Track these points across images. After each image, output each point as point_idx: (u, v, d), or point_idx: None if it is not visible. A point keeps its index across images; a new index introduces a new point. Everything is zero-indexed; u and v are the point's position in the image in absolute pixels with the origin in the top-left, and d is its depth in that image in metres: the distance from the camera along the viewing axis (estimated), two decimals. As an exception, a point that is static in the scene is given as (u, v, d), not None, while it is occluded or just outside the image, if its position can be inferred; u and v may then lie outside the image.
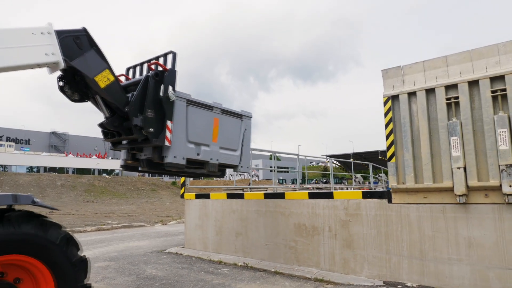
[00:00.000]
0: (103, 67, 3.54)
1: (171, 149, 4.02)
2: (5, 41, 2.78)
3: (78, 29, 3.39)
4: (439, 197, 4.45)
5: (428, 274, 4.43)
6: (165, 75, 3.96)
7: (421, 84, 4.73)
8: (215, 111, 4.60)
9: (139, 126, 3.77)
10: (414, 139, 4.70)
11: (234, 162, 4.90)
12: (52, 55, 3.08)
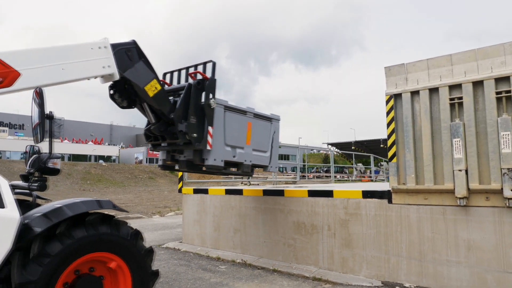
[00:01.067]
0: (151, 77, 3.80)
1: (212, 152, 4.37)
2: (69, 57, 3.07)
3: (129, 42, 3.67)
4: (439, 199, 4.41)
5: (427, 275, 4.42)
6: (206, 83, 4.28)
7: (425, 83, 4.64)
8: (248, 115, 4.96)
9: (184, 131, 4.09)
10: (416, 139, 4.64)
11: (265, 162, 5.27)
12: (108, 67, 3.38)
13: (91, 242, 2.65)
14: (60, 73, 3.04)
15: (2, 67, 2.67)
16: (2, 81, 2.67)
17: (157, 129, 4.19)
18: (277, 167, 5.53)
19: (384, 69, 5.01)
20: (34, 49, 2.93)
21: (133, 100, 3.98)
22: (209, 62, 4.41)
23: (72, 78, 3.14)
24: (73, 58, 3.12)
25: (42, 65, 2.92)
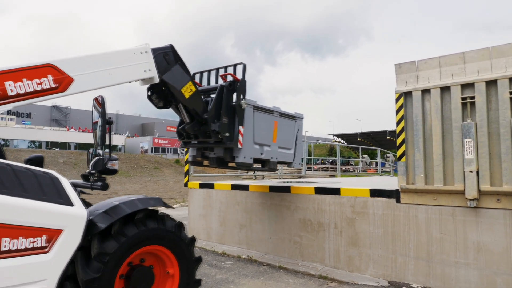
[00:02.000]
0: (187, 80, 3.99)
1: (242, 150, 4.61)
2: (115, 62, 3.29)
3: (167, 46, 3.85)
4: (449, 200, 4.35)
5: (434, 276, 4.38)
6: (237, 85, 4.51)
7: (436, 81, 4.54)
8: (274, 114, 5.19)
9: (217, 131, 4.33)
10: (426, 138, 4.56)
11: (289, 159, 5.48)
12: (149, 71, 3.58)
13: (142, 238, 2.89)
14: (107, 77, 3.25)
15: (57, 73, 2.88)
16: (58, 86, 2.87)
17: (191, 128, 4.42)
18: (300, 164, 5.73)
19: (395, 66, 4.91)
20: (84, 56, 3.15)
21: (169, 101, 4.17)
22: (239, 64, 4.63)
23: (117, 82, 3.36)
24: (118, 64, 3.34)
25: (92, 71, 3.13)
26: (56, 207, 2.48)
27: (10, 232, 2.20)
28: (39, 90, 2.77)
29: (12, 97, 2.62)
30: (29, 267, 2.29)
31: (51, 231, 2.41)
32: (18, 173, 2.39)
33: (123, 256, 2.76)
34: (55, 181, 2.59)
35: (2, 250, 2.17)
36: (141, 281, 2.93)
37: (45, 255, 2.37)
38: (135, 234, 2.83)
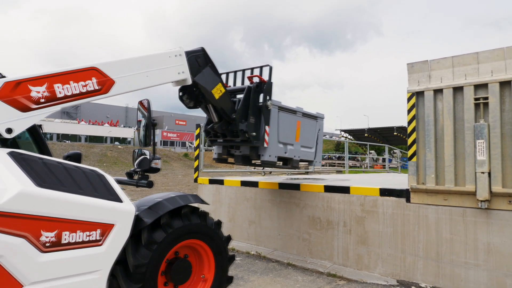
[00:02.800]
0: (217, 81, 4.15)
1: (267, 149, 4.81)
2: (152, 65, 3.45)
3: (198, 49, 3.99)
4: (459, 200, 4.34)
5: (444, 276, 4.40)
6: (264, 86, 4.70)
7: (449, 81, 4.51)
8: (297, 114, 5.38)
9: (244, 130, 4.54)
10: (437, 139, 4.54)
11: (310, 158, 5.68)
12: (182, 73, 3.74)
13: (186, 231, 3.15)
14: (145, 79, 3.40)
15: (101, 76, 3.04)
16: (101, 88, 3.04)
17: (220, 127, 4.60)
18: (320, 162, 5.95)
19: (407, 65, 4.88)
20: (124, 60, 3.30)
21: (199, 101, 4.32)
22: (265, 66, 4.81)
23: (153, 84, 3.50)
24: (154, 66, 3.49)
25: (131, 73, 3.28)
26: (108, 203, 2.65)
27: (70, 226, 2.39)
28: (84, 92, 2.93)
29: (60, 98, 2.78)
30: (86, 259, 2.48)
31: (104, 226, 2.59)
32: (70, 171, 2.54)
33: (169, 246, 3.01)
34: (102, 178, 2.73)
35: (63, 242, 2.35)
36: (180, 271, 3.18)
37: (99, 247, 2.56)
38: (181, 227, 3.08)
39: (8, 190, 2.15)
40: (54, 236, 2.31)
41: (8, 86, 2.55)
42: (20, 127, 2.62)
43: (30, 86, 2.65)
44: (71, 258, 2.39)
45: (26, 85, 2.63)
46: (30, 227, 2.20)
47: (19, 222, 2.15)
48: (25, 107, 2.60)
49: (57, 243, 2.33)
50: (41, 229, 2.24)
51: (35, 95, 2.66)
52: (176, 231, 3.04)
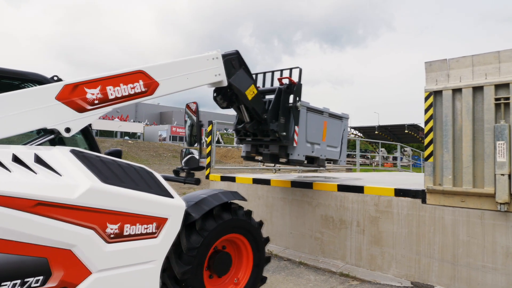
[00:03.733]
0: (250, 83, 4.31)
1: (296, 148, 4.98)
2: (191, 68, 3.62)
3: (233, 52, 4.14)
4: (478, 203, 4.25)
5: (460, 279, 4.33)
6: (294, 88, 4.88)
7: (468, 80, 4.41)
8: (324, 115, 5.54)
9: (275, 130, 4.70)
10: (455, 139, 4.45)
11: (335, 157, 5.84)
12: (219, 75, 3.90)
13: (233, 225, 3.41)
14: (186, 82, 3.56)
15: (147, 79, 3.22)
16: (147, 90, 3.22)
17: (251, 127, 4.78)
18: (345, 161, 6.12)
19: (425, 64, 4.79)
20: (168, 63, 3.47)
21: (232, 101, 4.45)
22: (295, 68, 4.97)
23: (193, 86, 3.66)
24: (194, 69, 3.65)
25: (174, 76, 3.45)
26: (162, 199, 2.83)
27: (130, 220, 2.58)
28: (132, 93, 3.11)
29: (111, 100, 2.97)
30: (143, 249, 2.67)
31: (159, 219, 2.77)
32: (124, 167, 2.70)
33: (217, 235, 3.28)
34: (151, 175, 2.88)
35: (124, 234, 2.55)
36: (222, 263, 3.40)
37: (154, 239, 2.75)
38: (229, 220, 3.35)
39: (79, 185, 2.33)
40: (117, 228, 2.51)
41: (67, 89, 2.73)
42: (77, 126, 2.80)
43: (86, 89, 2.82)
44: (131, 248, 2.59)
45: (83, 87, 2.81)
46: (98, 219, 2.39)
47: (89, 215, 2.34)
48: (81, 108, 2.79)
49: (120, 234, 2.52)
50: (106, 222, 2.44)
51: (90, 96, 2.84)
52: (224, 223, 3.30)
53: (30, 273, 2.12)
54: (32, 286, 2.14)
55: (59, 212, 2.22)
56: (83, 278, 2.33)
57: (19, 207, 2.06)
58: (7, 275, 2.04)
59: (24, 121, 2.58)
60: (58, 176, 2.32)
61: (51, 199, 2.18)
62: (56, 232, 2.21)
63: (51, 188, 2.22)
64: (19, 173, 2.18)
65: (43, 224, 2.15)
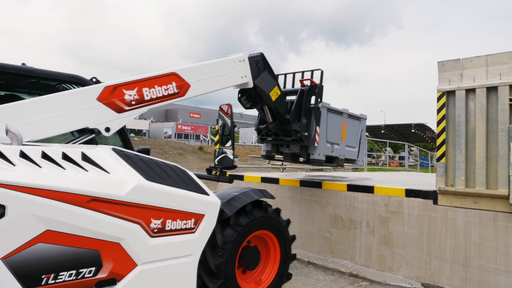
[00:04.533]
0: (274, 84, 4.42)
1: (317, 148, 5.11)
2: (220, 70, 3.76)
3: (258, 54, 4.25)
4: (491, 204, 4.21)
5: (471, 282, 4.28)
6: (315, 89, 4.98)
7: (482, 80, 4.35)
8: (343, 116, 5.64)
9: (297, 130, 4.83)
10: (468, 140, 4.40)
11: (354, 157, 5.93)
12: (245, 77, 4.03)
13: (262, 222, 3.56)
14: (214, 83, 3.70)
15: (179, 80, 3.37)
16: (179, 92, 3.37)
17: (274, 127, 4.90)
18: (362, 161, 6.30)
19: (437, 63, 4.74)
20: (198, 65, 3.61)
21: (256, 102, 4.56)
22: (317, 70, 5.09)
23: (221, 87, 3.79)
24: (222, 71, 3.79)
25: (204, 78, 3.60)
26: (199, 196, 2.97)
27: (171, 215, 2.72)
28: (166, 95, 3.27)
29: (147, 101, 3.13)
30: (182, 244, 2.81)
31: (197, 215, 2.92)
32: (161, 166, 2.83)
33: (249, 230, 3.43)
34: (185, 173, 3.01)
35: (166, 229, 2.69)
36: (252, 258, 3.56)
37: (192, 234, 2.89)
38: (260, 217, 3.53)
39: (127, 183, 2.47)
40: (160, 224, 2.65)
41: (107, 90, 2.88)
42: (115, 126, 2.95)
43: (124, 90, 2.98)
44: (172, 243, 2.73)
45: (121, 89, 2.97)
46: (143, 215, 2.53)
47: (135, 211, 2.48)
48: (120, 109, 2.94)
49: (162, 229, 2.66)
50: (151, 217, 2.58)
51: (128, 98, 2.99)
52: (255, 220, 3.45)
53: (84, 264, 2.25)
54: (86, 277, 2.27)
55: (110, 208, 2.35)
56: (129, 269, 2.47)
57: (75, 202, 2.19)
58: (64, 266, 2.17)
59: (69, 121, 2.71)
60: (106, 173, 2.45)
61: (103, 195, 2.32)
62: (107, 226, 2.34)
63: (102, 185, 2.35)
64: (72, 171, 2.31)
65: (96, 218, 2.28)
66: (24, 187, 2.02)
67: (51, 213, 2.11)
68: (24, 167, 2.14)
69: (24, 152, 2.22)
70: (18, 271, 2.01)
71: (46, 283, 2.11)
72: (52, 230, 2.13)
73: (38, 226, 2.08)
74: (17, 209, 2.00)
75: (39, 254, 2.08)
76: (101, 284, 2.34)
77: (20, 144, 2.35)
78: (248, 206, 3.46)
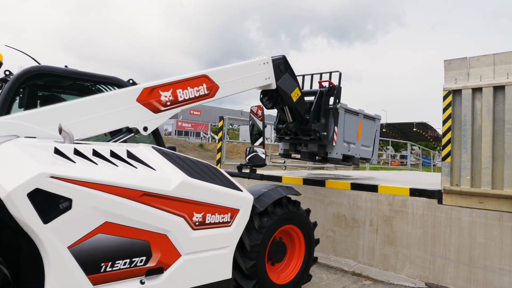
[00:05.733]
0: (295, 85, 4.54)
1: (335, 147, 5.26)
2: (246, 72, 3.91)
3: (280, 57, 4.38)
4: (496, 204, 4.18)
5: (476, 282, 4.26)
6: (334, 90, 5.16)
7: (489, 79, 4.32)
8: (359, 116, 5.81)
9: (317, 130, 4.99)
10: (474, 139, 4.37)
11: (368, 156, 6.09)
12: (269, 79, 4.17)
13: (288, 217, 3.73)
14: (241, 84, 3.85)
15: (209, 82, 3.52)
16: (209, 93, 3.52)
17: (294, 127, 5.04)
18: (376, 160, 6.41)
19: (444, 62, 4.70)
20: (226, 68, 3.76)
21: (277, 102, 4.67)
22: (335, 72, 5.26)
23: (247, 88, 3.93)
24: (248, 73, 3.93)
25: (232, 79, 3.75)
26: (235, 192, 3.15)
27: (211, 210, 2.91)
28: (197, 96, 3.41)
29: (180, 102, 3.28)
30: (220, 236, 3.00)
31: (233, 210, 3.11)
32: (196, 163, 3.01)
33: (274, 229, 3.58)
34: (219, 170, 3.17)
35: (206, 222, 2.88)
36: (279, 251, 3.72)
37: (229, 228, 3.08)
38: (282, 214, 3.64)
39: (172, 179, 2.66)
40: (201, 217, 2.84)
41: (145, 92, 3.06)
42: (152, 126, 3.11)
43: (160, 92, 3.14)
44: (211, 235, 2.92)
45: (158, 90, 3.13)
46: (187, 209, 2.73)
47: (180, 205, 2.68)
48: (156, 109, 3.11)
49: (203, 223, 2.86)
50: (193, 211, 2.78)
51: (163, 99, 3.16)
52: (279, 217, 3.61)
53: (136, 253, 2.45)
54: (137, 265, 2.46)
55: (159, 202, 2.54)
56: (174, 259, 2.67)
57: (129, 196, 2.38)
58: (119, 255, 2.36)
59: (112, 121, 2.88)
60: (153, 170, 2.63)
61: (153, 190, 2.50)
62: (156, 219, 2.53)
63: (152, 181, 2.54)
64: (124, 167, 2.49)
65: (147, 212, 2.47)
66: (87, 182, 2.20)
67: (110, 206, 2.29)
68: (83, 164, 2.31)
69: (78, 150, 2.38)
70: (81, 259, 2.18)
71: (104, 271, 2.30)
72: (110, 222, 2.31)
73: (99, 218, 2.26)
74: (81, 202, 2.17)
75: (99, 244, 2.26)
76: (150, 272, 2.54)
77: (71, 142, 2.47)
78: (283, 199, 3.71)
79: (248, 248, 3.28)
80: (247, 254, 3.29)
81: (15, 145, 2.27)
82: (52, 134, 2.54)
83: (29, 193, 1.99)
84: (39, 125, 2.52)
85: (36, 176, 2.02)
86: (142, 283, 2.50)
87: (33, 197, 2.00)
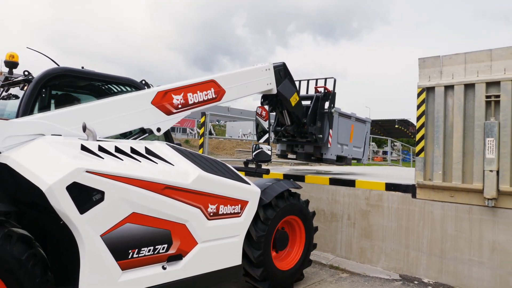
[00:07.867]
0: (293, 91, 4.84)
1: (330, 149, 5.66)
2: (250, 77, 4.17)
3: (280, 64, 4.63)
4: (466, 198, 4.34)
5: (447, 273, 4.43)
6: (329, 96, 5.54)
7: (460, 77, 4.46)
8: (352, 119, 6.20)
9: (313, 133, 5.34)
10: (446, 135, 4.52)
11: (360, 156, 6.51)
12: (270, 84, 4.42)
13: (291, 208, 4.00)
14: (245, 89, 4.10)
15: (217, 87, 3.77)
16: (216, 97, 3.75)
17: (292, 130, 5.36)
18: (367, 160, 6.81)
19: (418, 60, 4.83)
20: (232, 73, 4.00)
21: (277, 106, 4.93)
22: (330, 78, 5.65)
23: (250, 93, 4.21)
24: (251, 78, 4.19)
25: (237, 84, 4.00)
26: (244, 185, 3.42)
27: (223, 201, 3.19)
28: (206, 99, 3.64)
29: (190, 105, 3.51)
30: (231, 226, 3.28)
31: (243, 202, 3.39)
32: (207, 159, 3.25)
33: (278, 220, 3.83)
34: (227, 165, 3.41)
35: (219, 213, 3.15)
36: (282, 240, 3.98)
37: (239, 218, 3.36)
38: (285, 206, 3.89)
39: (190, 173, 2.92)
40: (215, 208, 3.11)
41: (159, 95, 3.26)
42: (165, 127, 3.31)
43: (173, 95, 3.36)
44: (223, 225, 3.20)
45: (171, 94, 3.35)
46: (203, 201, 2.99)
47: (197, 197, 2.94)
48: (169, 111, 3.32)
49: (216, 213, 3.12)
50: (208, 203, 3.04)
51: (175, 102, 3.38)
52: (282, 209, 3.85)
53: (159, 241, 2.70)
54: (160, 252, 2.71)
55: (179, 194, 2.79)
56: (192, 247, 2.93)
57: (153, 189, 2.61)
58: (145, 243, 2.60)
59: (129, 122, 3.06)
60: (172, 165, 2.87)
61: (174, 184, 2.75)
62: (177, 210, 2.78)
63: (172, 175, 2.79)
64: (146, 163, 2.71)
65: (168, 203, 2.72)
66: (118, 176, 2.41)
67: (137, 198, 2.52)
68: (111, 160, 2.51)
69: (102, 147, 2.56)
70: (111, 246, 2.41)
71: (132, 257, 2.54)
72: (137, 212, 2.54)
73: (127, 209, 2.48)
74: (112, 194, 2.39)
75: (127, 232, 2.49)
76: (171, 258, 2.79)
77: (95, 140, 2.63)
78: (286, 193, 3.95)
79: (255, 239, 3.51)
80: (254, 245, 3.53)
81: (46, 142, 2.44)
82: (75, 133, 2.71)
83: (68, 186, 2.17)
84: (63, 124, 2.69)
85: (74, 171, 2.21)
86: (164, 269, 2.74)
87: (71, 189, 2.19)
